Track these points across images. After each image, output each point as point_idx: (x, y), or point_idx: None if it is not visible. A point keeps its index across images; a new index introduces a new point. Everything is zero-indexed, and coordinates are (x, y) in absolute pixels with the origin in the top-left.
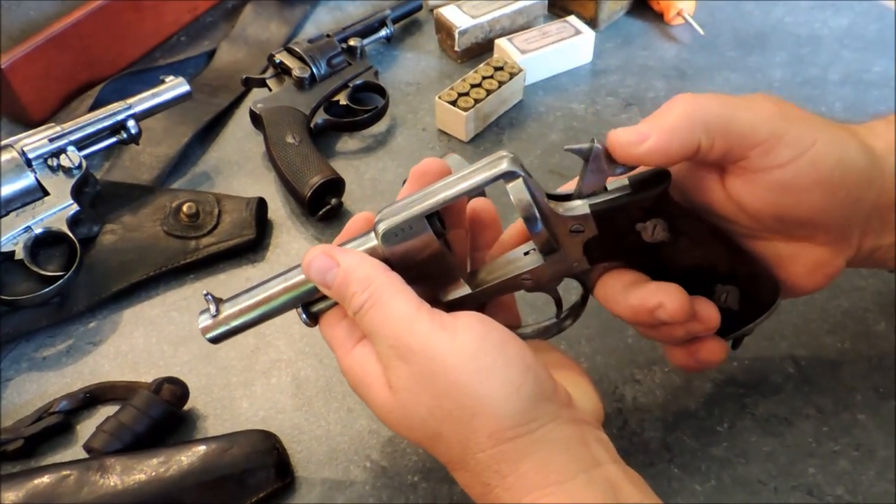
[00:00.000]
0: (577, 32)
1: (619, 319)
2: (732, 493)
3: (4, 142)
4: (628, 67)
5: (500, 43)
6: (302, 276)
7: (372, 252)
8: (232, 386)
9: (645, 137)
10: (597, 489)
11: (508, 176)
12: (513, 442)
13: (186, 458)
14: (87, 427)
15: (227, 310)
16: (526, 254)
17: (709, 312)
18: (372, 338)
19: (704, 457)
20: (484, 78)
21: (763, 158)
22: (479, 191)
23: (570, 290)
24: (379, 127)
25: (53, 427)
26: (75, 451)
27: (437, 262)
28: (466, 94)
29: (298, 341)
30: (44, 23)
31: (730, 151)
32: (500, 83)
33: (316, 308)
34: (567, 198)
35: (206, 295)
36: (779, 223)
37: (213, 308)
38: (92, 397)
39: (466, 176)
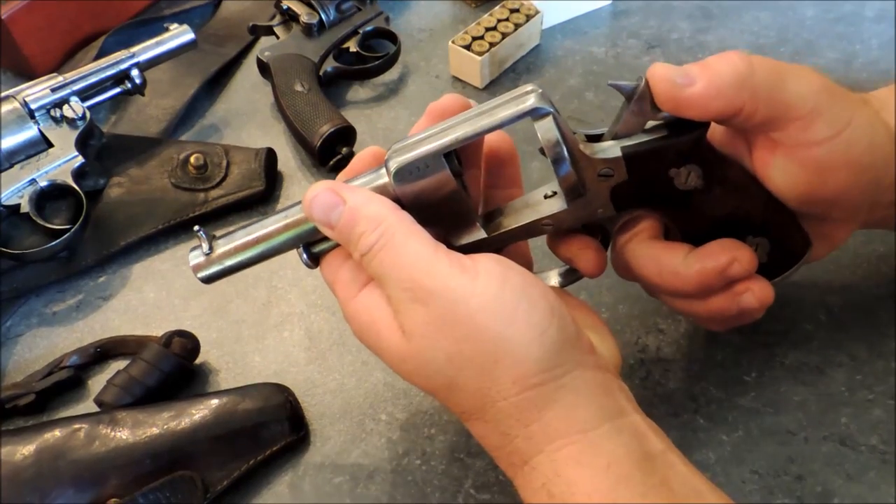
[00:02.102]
0: None
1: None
2: (761, 443)
3: (5, 92)
4: (650, 7)
5: None
6: (303, 214)
7: (381, 191)
8: (244, 340)
9: (692, 81)
10: (623, 438)
11: (536, 112)
12: (537, 389)
13: (198, 411)
14: (97, 381)
15: (221, 247)
16: (546, 197)
17: (764, 291)
18: (382, 281)
19: (731, 407)
20: (499, 21)
21: (800, 134)
22: (501, 128)
23: None
24: (390, 74)
25: (64, 382)
26: (86, 406)
27: (452, 203)
28: (481, 37)
29: (311, 294)
30: None
31: (771, 120)
32: (517, 26)
33: (318, 248)
34: (595, 139)
35: (198, 230)
36: (802, 204)
37: (205, 245)
38: (103, 352)
39: (489, 111)
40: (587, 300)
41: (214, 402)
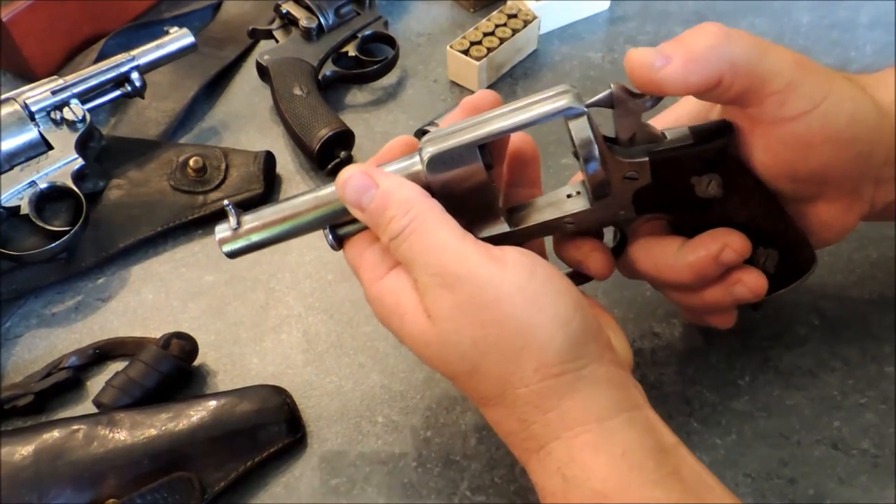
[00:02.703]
0: None
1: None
2: (754, 446)
3: (6, 95)
4: (647, 13)
5: None
6: (334, 196)
7: (413, 178)
8: (242, 342)
9: (667, 61)
10: (637, 429)
11: (570, 112)
12: (558, 378)
13: (196, 412)
14: (96, 382)
15: (249, 223)
16: (569, 196)
17: (756, 280)
18: (410, 265)
19: (725, 410)
20: (497, 26)
21: (777, 109)
22: (535, 124)
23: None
24: (389, 79)
25: (63, 383)
26: (85, 407)
27: (479, 195)
28: (479, 42)
29: (308, 296)
30: None
31: (748, 93)
32: (514, 31)
33: (344, 230)
34: (615, 142)
35: (227, 205)
36: (790, 182)
37: (233, 220)
38: (101, 353)
39: (524, 108)
40: None
41: (212, 403)
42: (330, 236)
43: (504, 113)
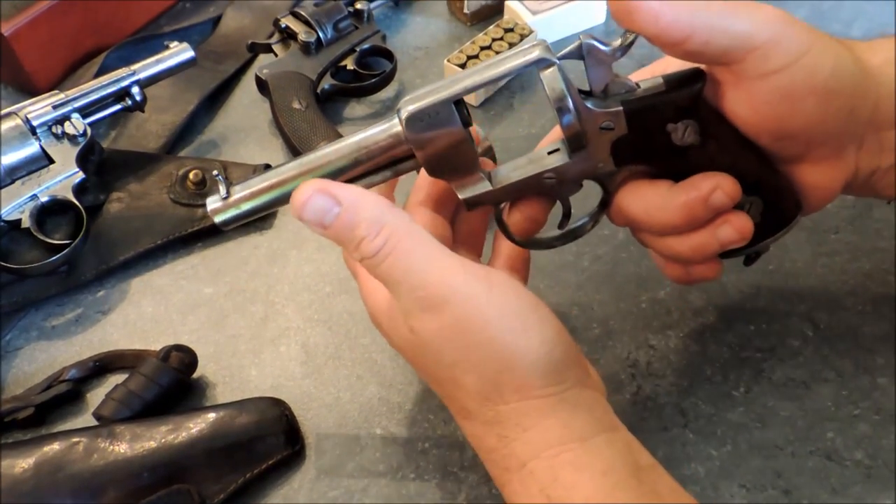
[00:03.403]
0: None
1: (630, 281)
2: (749, 457)
3: (8, 109)
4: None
5: (511, 4)
6: (319, 162)
7: (394, 138)
8: (241, 354)
9: None
10: (617, 449)
11: (542, 63)
12: (539, 399)
13: (195, 425)
14: (96, 395)
15: (238, 192)
16: (549, 153)
17: (743, 221)
18: (392, 287)
19: (720, 421)
20: (494, 40)
21: (759, 64)
22: (509, 77)
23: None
24: (387, 92)
25: (63, 395)
26: (85, 419)
27: (459, 153)
28: (476, 56)
29: (307, 308)
30: None
31: (727, 53)
32: (511, 45)
33: None
34: (589, 94)
35: (216, 175)
36: (775, 139)
37: (223, 190)
38: (101, 366)
39: (497, 63)
40: (579, 315)
41: (211, 415)
42: None
43: (477, 70)
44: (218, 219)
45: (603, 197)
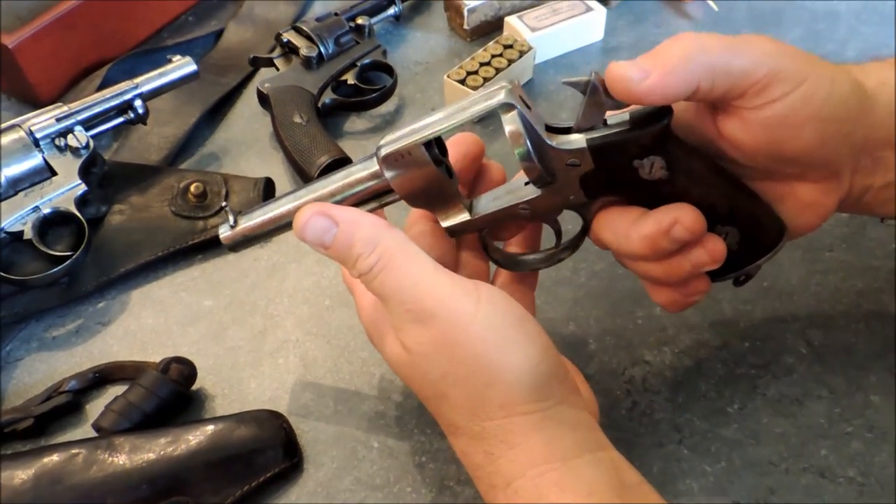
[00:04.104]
0: (588, 10)
1: (626, 297)
2: (743, 474)
3: (12, 122)
4: (640, 45)
5: (510, 21)
6: (312, 196)
7: (374, 175)
8: (240, 366)
9: (646, 74)
10: (602, 468)
11: (504, 107)
12: (524, 416)
13: (194, 437)
14: (96, 406)
15: (244, 223)
16: (527, 184)
17: (713, 243)
18: (384, 301)
19: (715, 438)
20: (493, 56)
21: (758, 96)
22: (473, 121)
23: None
24: (387, 106)
25: (63, 406)
26: (84, 431)
27: (436, 187)
28: (475, 72)
29: (306, 322)
30: (52, 2)
31: (729, 91)
32: (510, 61)
33: None
34: (567, 130)
35: (224, 206)
36: (772, 161)
37: (231, 219)
38: (101, 377)
39: (465, 107)
40: (575, 330)
41: (210, 428)
42: None
43: (449, 113)
44: (228, 245)
45: (583, 225)
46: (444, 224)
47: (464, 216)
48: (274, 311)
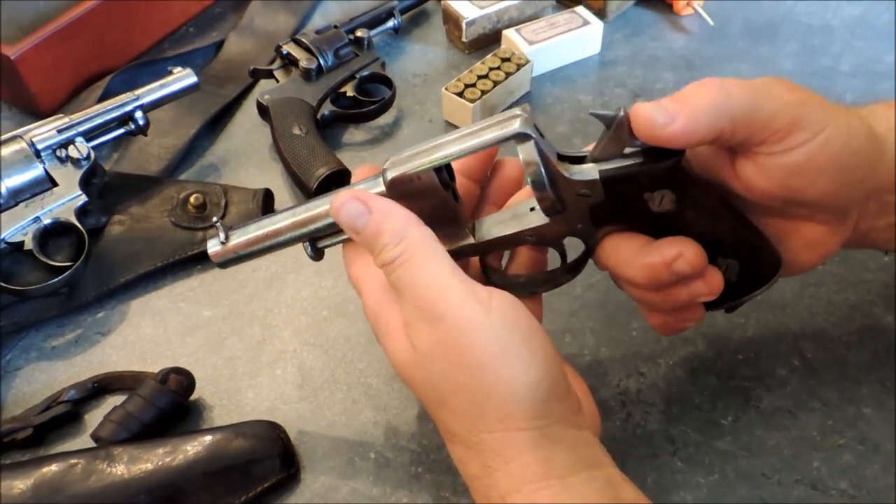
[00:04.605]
0: (586, 23)
1: (622, 309)
2: (736, 486)
3: (14, 133)
4: (636, 58)
5: (508, 34)
6: (310, 214)
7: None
8: (238, 376)
9: (671, 119)
10: (597, 486)
11: (519, 137)
12: (521, 432)
13: (192, 447)
14: (94, 416)
15: (235, 239)
16: (532, 209)
17: (713, 276)
18: (400, 294)
19: (708, 450)
20: (491, 69)
21: (778, 143)
22: (486, 148)
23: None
24: (386, 118)
25: (62, 416)
26: (83, 440)
27: (441, 210)
28: (473, 85)
29: (304, 332)
30: (54, 13)
31: (750, 138)
32: (508, 74)
33: (323, 244)
34: (580, 160)
35: (216, 222)
36: (785, 203)
37: (222, 235)
38: (100, 387)
39: (478, 132)
40: (571, 342)
41: (208, 438)
42: (309, 249)
43: (461, 136)
44: (217, 262)
45: (584, 251)
46: (448, 247)
47: (468, 240)
48: (272, 322)
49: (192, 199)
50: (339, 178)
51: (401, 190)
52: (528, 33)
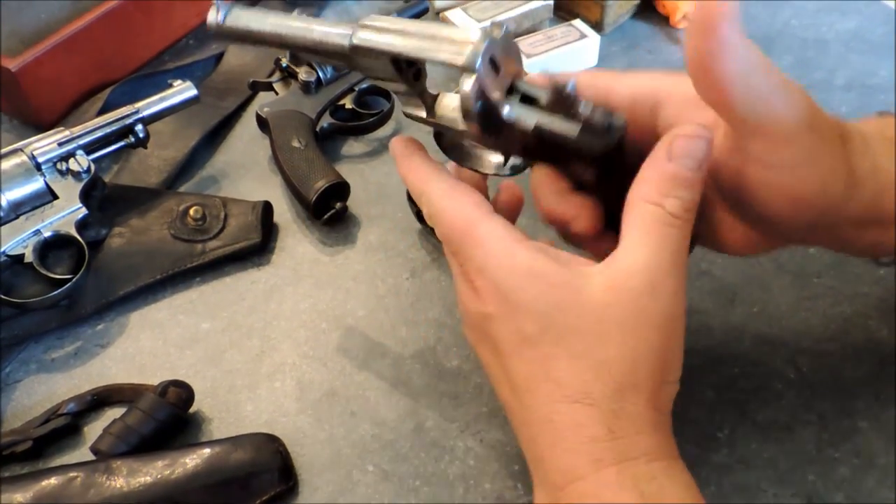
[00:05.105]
0: (583, 36)
1: None
2: (732, 499)
3: (14, 146)
4: (633, 71)
5: None
6: (289, 31)
7: (341, 47)
8: (237, 389)
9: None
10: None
11: (465, 69)
12: (654, 412)
13: (191, 460)
14: (94, 429)
15: (231, 22)
16: None
17: (602, 245)
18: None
19: (704, 463)
20: None
21: (770, 153)
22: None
23: None
24: (384, 130)
25: (61, 429)
26: (82, 453)
27: (393, 80)
28: None
29: (303, 345)
30: (55, 26)
31: (748, 122)
32: None
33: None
34: (533, 101)
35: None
36: (735, 202)
37: (220, 15)
38: (99, 399)
39: (434, 36)
40: None
41: (207, 451)
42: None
43: (419, 34)
44: (211, 31)
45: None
46: (404, 109)
47: (420, 112)
48: (271, 334)
49: (191, 212)
50: (338, 191)
51: (361, 55)
52: (526, 47)
